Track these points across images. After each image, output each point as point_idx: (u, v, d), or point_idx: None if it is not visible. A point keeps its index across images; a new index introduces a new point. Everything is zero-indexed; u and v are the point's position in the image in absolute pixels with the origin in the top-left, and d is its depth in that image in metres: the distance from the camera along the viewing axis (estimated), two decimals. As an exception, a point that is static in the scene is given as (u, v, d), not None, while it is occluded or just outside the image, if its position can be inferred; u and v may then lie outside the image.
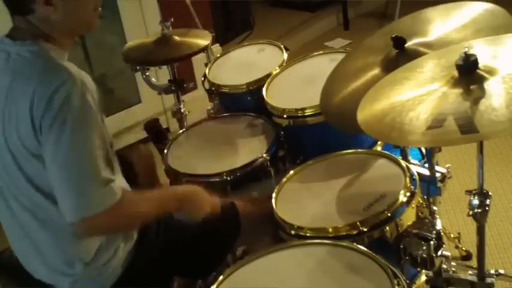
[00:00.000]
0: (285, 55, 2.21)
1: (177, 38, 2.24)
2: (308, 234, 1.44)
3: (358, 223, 1.41)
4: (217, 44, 3.55)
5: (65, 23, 1.38)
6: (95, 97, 1.34)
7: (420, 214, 1.47)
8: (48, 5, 1.33)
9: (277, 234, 1.55)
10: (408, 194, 1.46)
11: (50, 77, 1.30)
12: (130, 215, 1.39)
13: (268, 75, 2.09)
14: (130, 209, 1.38)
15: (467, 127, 1.14)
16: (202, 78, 2.29)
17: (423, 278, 1.51)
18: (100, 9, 1.45)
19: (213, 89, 2.20)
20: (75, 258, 1.43)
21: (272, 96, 1.99)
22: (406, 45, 1.58)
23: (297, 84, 2.02)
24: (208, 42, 2.27)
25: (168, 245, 1.57)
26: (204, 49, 2.31)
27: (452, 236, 2.14)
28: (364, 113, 1.35)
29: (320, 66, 2.03)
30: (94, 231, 1.36)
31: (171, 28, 2.27)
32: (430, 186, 1.66)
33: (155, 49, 2.24)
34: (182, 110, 2.48)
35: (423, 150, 1.74)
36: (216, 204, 1.59)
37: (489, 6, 1.56)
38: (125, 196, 1.33)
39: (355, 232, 1.40)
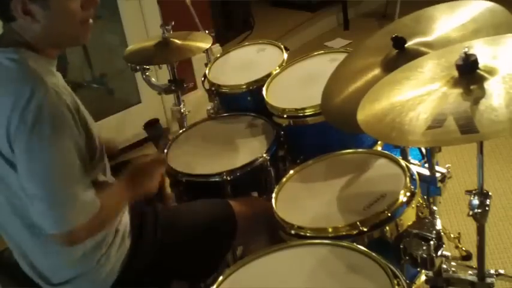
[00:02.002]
0: (285, 55, 2.21)
1: (177, 41, 2.24)
2: (308, 234, 1.44)
3: (358, 223, 1.40)
4: (217, 44, 3.55)
5: (47, 35, 1.33)
6: (72, 108, 1.31)
7: (420, 214, 1.47)
8: (27, 15, 1.29)
9: (273, 233, 1.55)
10: (408, 194, 1.46)
11: (24, 88, 1.26)
12: (108, 218, 1.41)
13: (268, 75, 2.09)
14: (108, 213, 1.40)
15: (467, 127, 1.13)
16: (202, 78, 2.29)
17: (423, 278, 1.51)
18: (91, 21, 1.39)
19: (213, 89, 2.20)
20: (63, 264, 1.43)
21: (272, 96, 1.98)
22: (406, 45, 1.58)
23: (297, 84, 2.02)
24: (209, 45, 2.28)
25: (165, 248, 1.57)
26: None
27: (452, 236, 2.14)
28: (364, 113, 1.34)
29: (320, 66, 2.03)
30: (77, 241, 1.35)
31: (171, 31, 2.28)
32: (430, 186, 1.66)
33: (156, 53, 2.24)
34: (182, 110, 2.48)
35: (423, 150, 1.73)
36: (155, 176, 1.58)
37: (489, 4, 1.56)
38: (102, 203, 1.34)
39: (355, 232, 1.40)
